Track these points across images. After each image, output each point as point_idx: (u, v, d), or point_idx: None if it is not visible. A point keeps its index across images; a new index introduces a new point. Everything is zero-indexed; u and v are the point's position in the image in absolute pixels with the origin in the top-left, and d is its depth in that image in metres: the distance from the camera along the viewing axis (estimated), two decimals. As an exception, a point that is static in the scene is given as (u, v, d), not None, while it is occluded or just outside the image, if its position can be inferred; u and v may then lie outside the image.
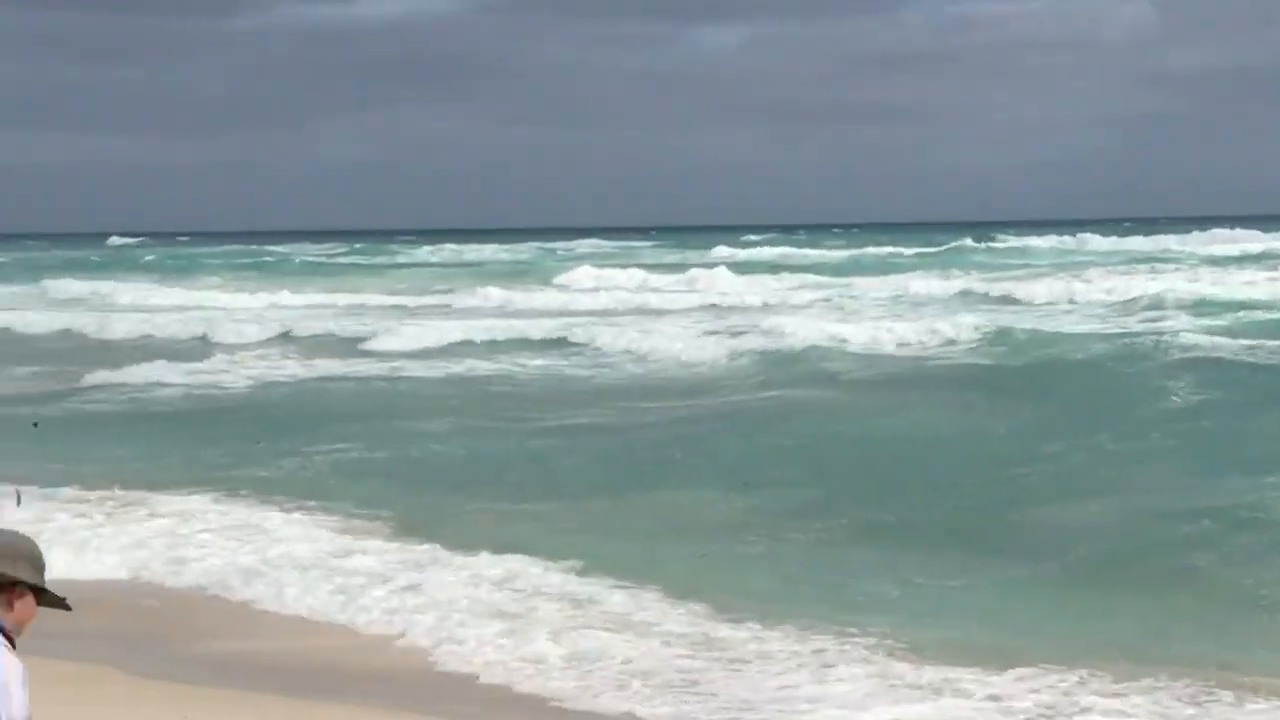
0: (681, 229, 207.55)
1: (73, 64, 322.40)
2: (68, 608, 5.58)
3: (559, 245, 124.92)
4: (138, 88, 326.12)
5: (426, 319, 53.97)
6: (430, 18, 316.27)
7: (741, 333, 44.72)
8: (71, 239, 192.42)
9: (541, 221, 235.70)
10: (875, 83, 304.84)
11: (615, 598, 16.84)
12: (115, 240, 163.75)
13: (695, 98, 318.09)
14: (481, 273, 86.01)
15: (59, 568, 17.76)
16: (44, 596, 5.32)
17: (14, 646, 5.23)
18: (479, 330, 48.56)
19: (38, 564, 5.26)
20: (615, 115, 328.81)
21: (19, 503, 18.93)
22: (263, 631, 16.39)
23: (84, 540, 19.50)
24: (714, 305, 59.89)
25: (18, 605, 5.22)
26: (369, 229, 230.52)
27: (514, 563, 18.19)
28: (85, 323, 57.54)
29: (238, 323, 54.36)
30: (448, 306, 63.16)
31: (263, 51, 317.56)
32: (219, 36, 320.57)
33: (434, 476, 24.84)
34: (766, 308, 56.70)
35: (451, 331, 48.30)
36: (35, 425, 22.21)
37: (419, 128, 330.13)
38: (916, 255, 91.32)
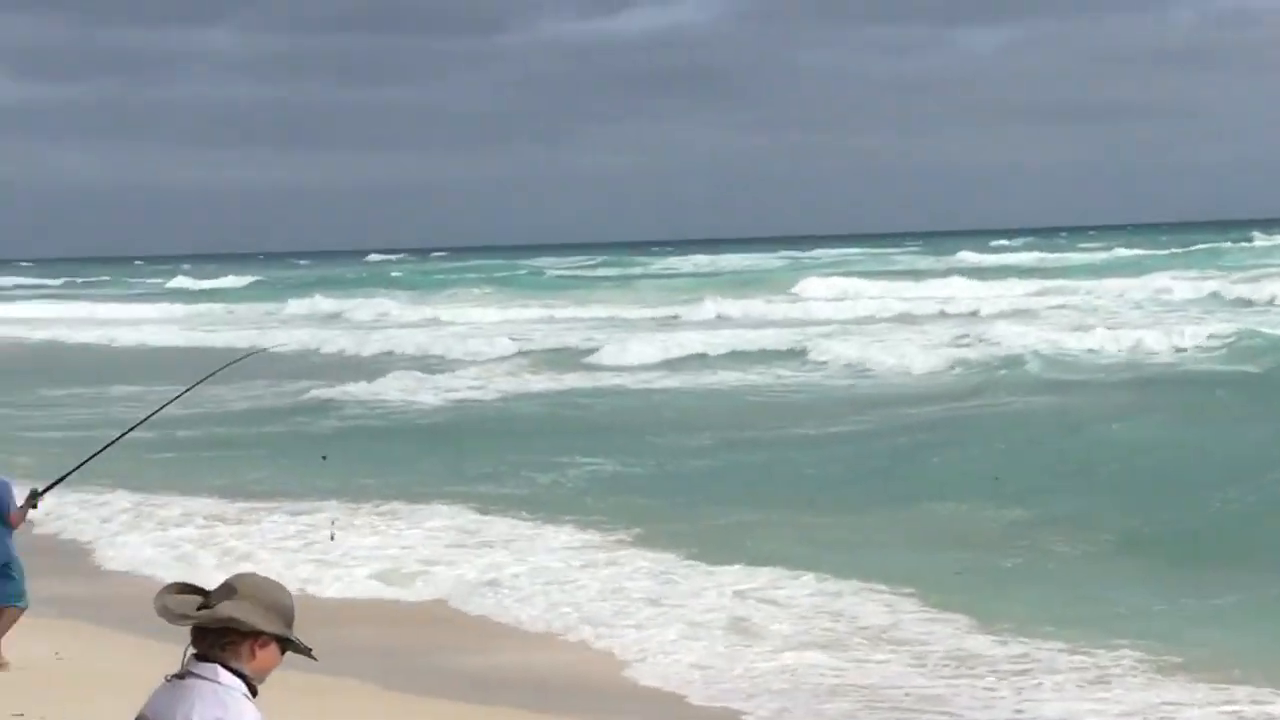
0: (936, 234, 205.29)
1: (344, 86, 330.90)
2: (313, 657, 5.52)
3: (810, 253, 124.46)
4: (405, 107, 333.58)
5: (664, 331, 53.92)
6: (690, 29, 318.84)
7: (974, 342, 43.96)
8: (337, 256, 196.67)
9: (797, 228, 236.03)
10: (1140, 80, 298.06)
11: (870, 609, 16.43)
12: (373, 257, 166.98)
13: (953, 100, 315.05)
14: (722, 283, 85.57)
15: (314, 581, 18.42)
16: (289, 646, 5.26)
17: (254, 694, 5.20)
18: (713, 342, 48.09)
19: (286, 615, 5.18)
20: (872, 120, 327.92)
21: (333, 537, 19.08)
22: (507, 645, 16.29)
23: (340, 553, 19.69)
24: (947, 313, 58.78)
25: (260, 654, 5.16)
26: (627, 240, 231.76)
27: (765, 575, 17.88)
28: (333, 339, 58.21)
29: (483, 337, 54.61)
30: (676, 318, 63.17)
31: (527, 67, 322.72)
32: (484, 54, 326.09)
33: (683, 488, 24.63)
34: (1003, 314, 55.39)
35: (688, 343, 48.04)
36: (324, 458, 22.63)
37: (678, 138, 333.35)
38: (1169, 255, 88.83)
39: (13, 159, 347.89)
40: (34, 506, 14.42)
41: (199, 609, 5.10)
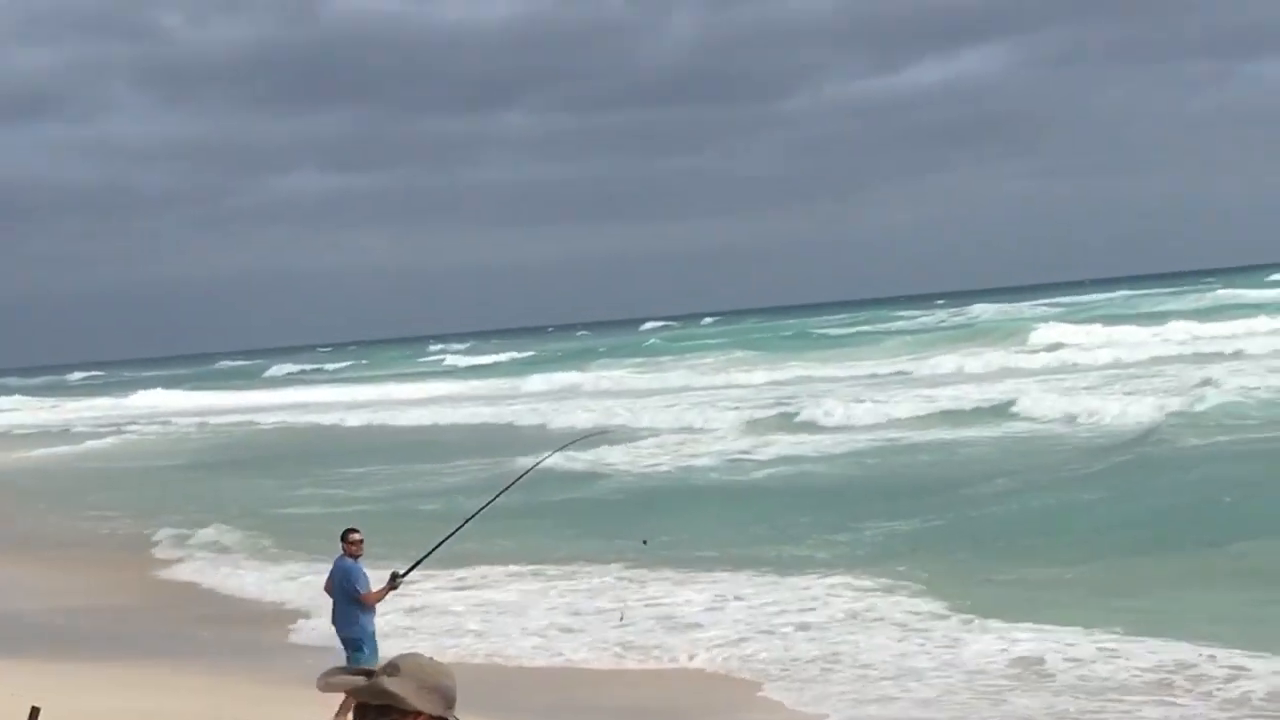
0: (1237, 270, 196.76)
1: (630, 160, 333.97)
2: None
3: (1090, 297, 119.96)
4: (693, 177, 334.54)
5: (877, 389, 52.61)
6: (977, 78, 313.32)
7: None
8: (619, 325, 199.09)
9: (1095, 272, 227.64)
10: None
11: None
12: (648, 325, 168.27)
13: (1254, 133, 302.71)
14: (973, 332, 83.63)
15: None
16: None
17: None
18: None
19: (447, 696, 4.99)
20: (1171, 157, 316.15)
21: (622, 618, 18.93)
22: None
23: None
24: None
25: None
26: (914, 294, 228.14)
27: (1052, 638, 16.60)
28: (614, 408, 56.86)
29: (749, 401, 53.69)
30: (908, 374, 62.51)
31: (815, 130, 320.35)
32: (771, 120, 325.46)
33: (971, 541, 23.97)
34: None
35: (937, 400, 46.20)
36: (645, 543, 22.13)
37: (972, 189, 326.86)
38: None
39: (321, 249, 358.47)
40: (395, 588, 15.27)
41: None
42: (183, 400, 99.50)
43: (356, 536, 15.53)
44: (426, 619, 20.55)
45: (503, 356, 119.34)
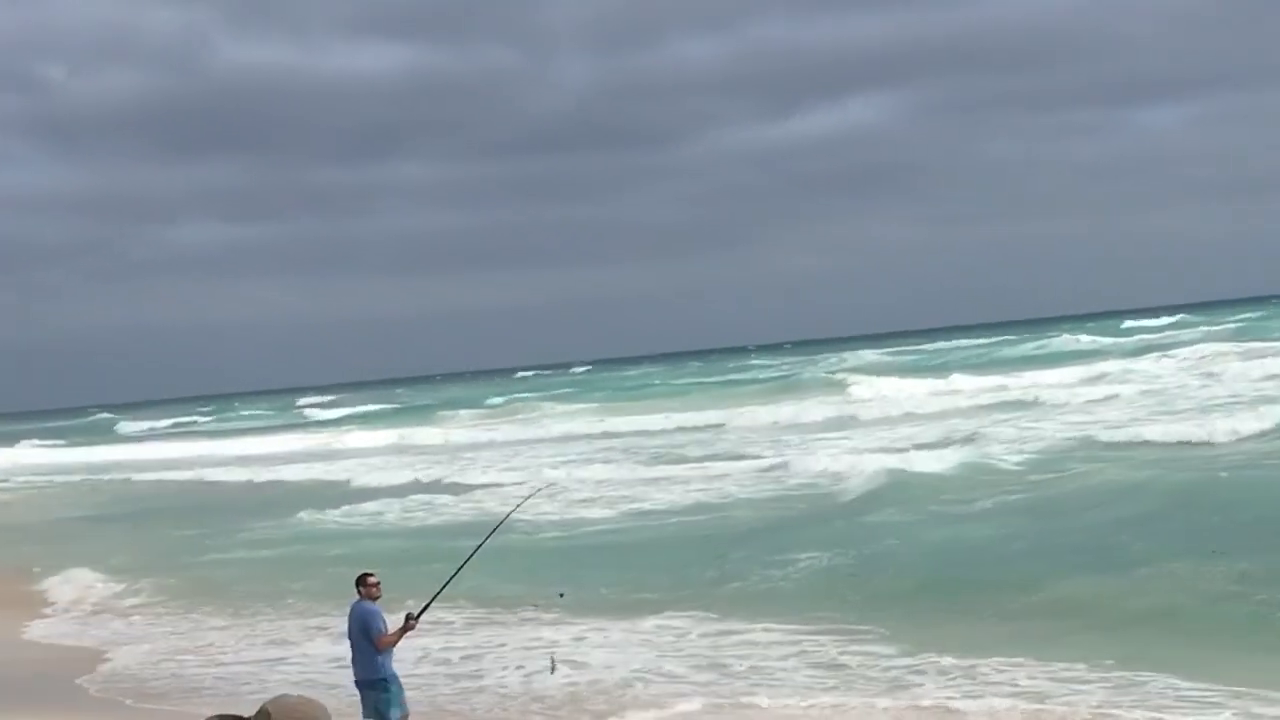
0: (1134, 311, 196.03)
1: (528, 206, 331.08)
2: None
3: (938, 345, 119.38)
4: (590, 223, 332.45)
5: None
6: (863, 127, 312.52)
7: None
8: (497, 373, 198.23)
9: (992, 316, 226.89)
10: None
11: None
12: (521, 374, 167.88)
13: (1140, 180, 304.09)
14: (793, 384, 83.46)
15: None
16: None
17: None
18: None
19: None
20: (1057, 205, 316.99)
21: (553, 670, 18.17)
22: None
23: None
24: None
25: None
26: (810, 339, 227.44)
27: None
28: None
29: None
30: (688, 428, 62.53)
31: (707, 177, 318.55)
32: (665, 167, 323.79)
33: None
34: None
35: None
36: (561, 595, 22.05)
37: (860, 236, 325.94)
38: None
39: (217, 301, 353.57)
40: (411, 628, 15.19)
41: None
42: (40, 456, 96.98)
43: (374, 579, 15.36)
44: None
45: (358, 409, 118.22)
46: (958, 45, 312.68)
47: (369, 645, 15.21)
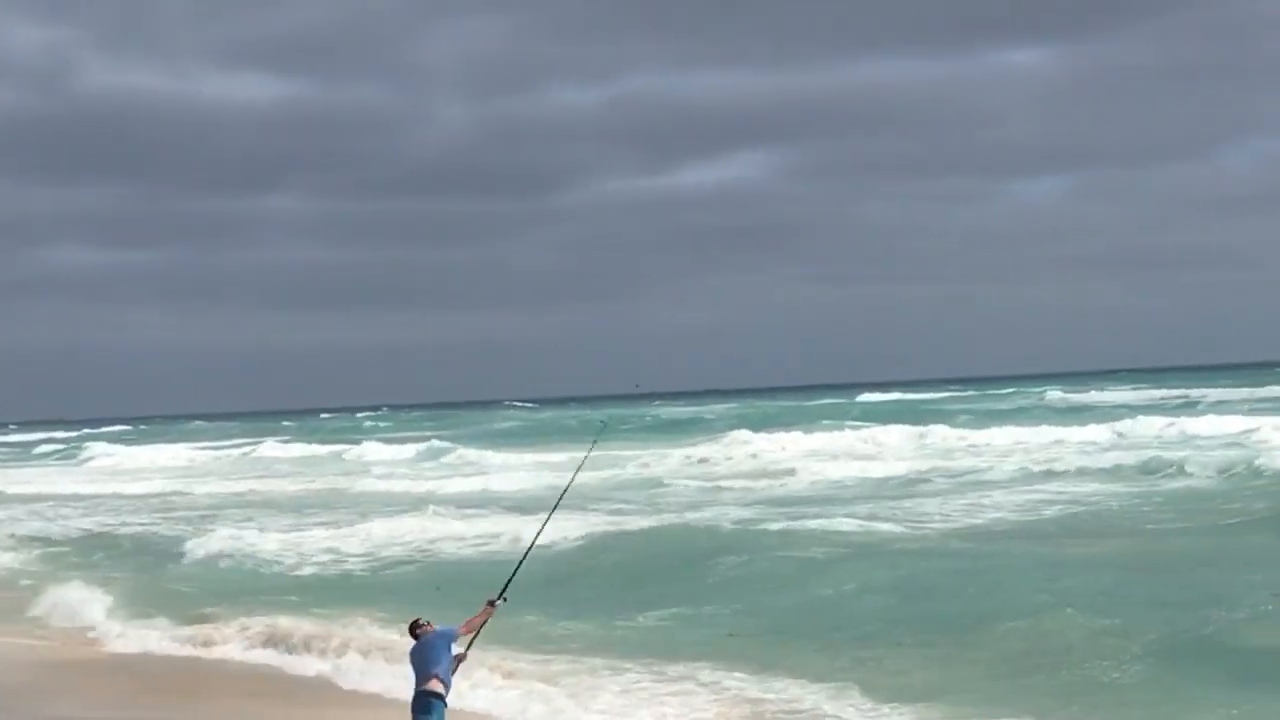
0: (1000, 378, 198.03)
1: (405, 247, 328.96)
2: None
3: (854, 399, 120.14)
4: (468, 267, 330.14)
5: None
6: (743, 184, 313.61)
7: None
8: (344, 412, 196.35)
9: (863, 375, 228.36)
10: (1200, 227, 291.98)
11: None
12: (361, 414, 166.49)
13: (1012, 251, 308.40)
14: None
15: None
16: None
17: None
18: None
19: None
20: (933, 271, 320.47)
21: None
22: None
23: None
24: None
25: None
26: (684, 390, 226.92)
27: None
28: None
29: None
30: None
31: (587, 226, 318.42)
32: (546, 214, 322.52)
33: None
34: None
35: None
36: (438, 589, 22.84)
37: (740, 292, 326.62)
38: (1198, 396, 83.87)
39: (88, 326, 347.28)
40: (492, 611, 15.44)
41: None
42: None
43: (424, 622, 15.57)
44: None
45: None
46: (835, 107, 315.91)
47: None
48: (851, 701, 19.12)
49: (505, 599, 15.50)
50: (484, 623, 15.47)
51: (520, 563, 16.46)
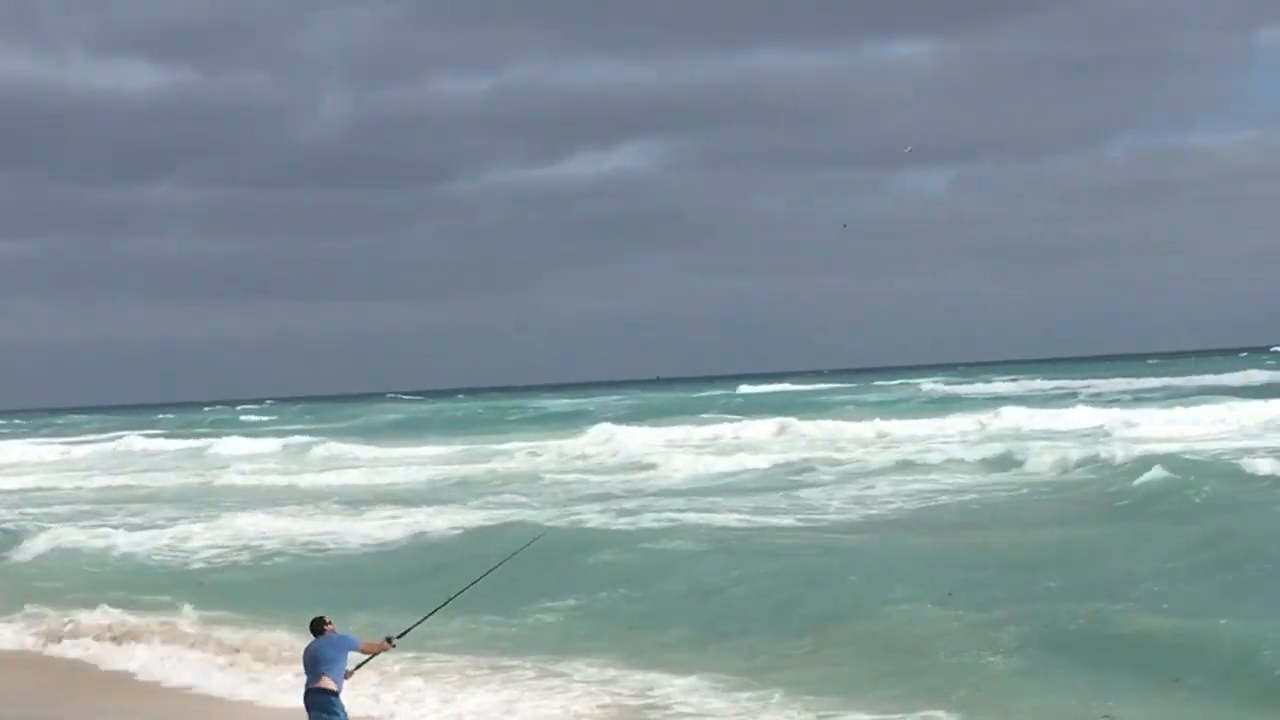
0: (890, 369, 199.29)
1: (293, 237, 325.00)
2: None
3: (752, 389, 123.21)
4: (358, 258, 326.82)
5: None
6: (633, 174, 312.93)
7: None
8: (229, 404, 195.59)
9: (753, 367, 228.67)
10: (1083, 219, 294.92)
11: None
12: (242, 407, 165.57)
13: (902, 242, 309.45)
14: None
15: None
16: None
17: None
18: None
19: None
20: (823, 261, 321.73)
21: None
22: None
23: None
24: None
25: None
26: (575, 382, 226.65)
27: None
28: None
29: None
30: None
31: (477, 216, 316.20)
32: (434, 204, 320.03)
33: None
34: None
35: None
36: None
37: (632, 282, 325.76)
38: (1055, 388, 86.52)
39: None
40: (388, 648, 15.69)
41: None
42: None
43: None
44: None
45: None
46: (723, 98, 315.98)
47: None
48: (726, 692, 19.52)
49: (394, 644, 15.64)
50: (376, 654, 15.71)
51: (429, 615, 16.86)
